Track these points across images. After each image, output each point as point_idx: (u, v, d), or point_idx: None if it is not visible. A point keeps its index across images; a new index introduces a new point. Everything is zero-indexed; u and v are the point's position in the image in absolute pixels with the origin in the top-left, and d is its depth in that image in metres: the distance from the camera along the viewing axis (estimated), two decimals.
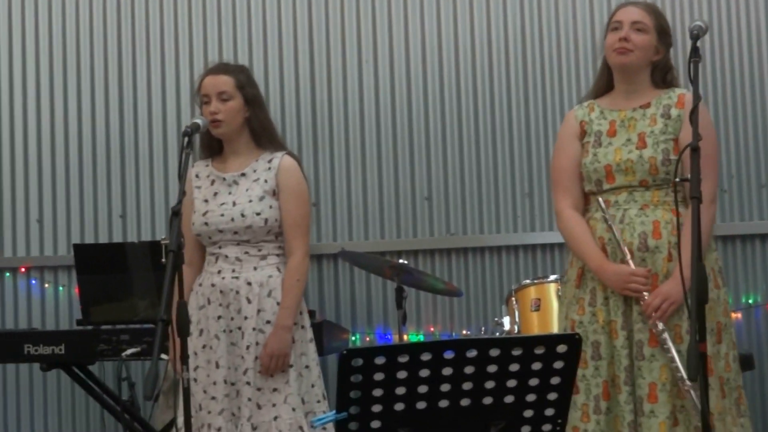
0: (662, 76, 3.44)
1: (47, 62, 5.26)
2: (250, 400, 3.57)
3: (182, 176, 3.18)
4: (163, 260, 3.02)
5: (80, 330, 4.54)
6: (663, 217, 3.28)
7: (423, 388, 2.45)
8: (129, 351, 4.32)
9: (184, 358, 2.98)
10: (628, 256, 3.28)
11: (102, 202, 5.21)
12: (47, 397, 5.18)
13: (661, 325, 3.21)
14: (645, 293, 3.24)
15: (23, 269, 5.21)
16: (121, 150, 5.22)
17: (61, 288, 5.19)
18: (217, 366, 3.62)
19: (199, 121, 3.49)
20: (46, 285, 5.20)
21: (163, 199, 5.18)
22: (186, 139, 3.31)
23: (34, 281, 5.21)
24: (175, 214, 3.06)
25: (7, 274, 5.22)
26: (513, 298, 4.24)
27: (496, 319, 4.44)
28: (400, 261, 4.42)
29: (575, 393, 3.30)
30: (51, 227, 5.23)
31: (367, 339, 5.11)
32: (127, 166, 5.21)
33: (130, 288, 4.54)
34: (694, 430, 3.18)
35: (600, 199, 3.38)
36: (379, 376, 2.42)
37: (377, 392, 2.44)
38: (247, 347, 3.60)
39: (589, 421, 3.28)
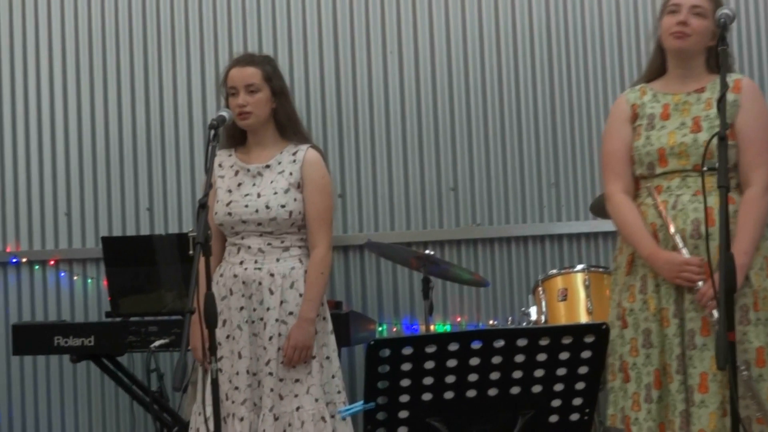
0: (718, 62, 3.34)
1: (74, 56, 5.28)
2: (272, 390, 3.58)
3: (209, 169, 3.20)
4: (191, 252, 3.04)
5: (109, 322, 4.56)
6: (717, 204, 3.12)
7: (450, 378, 2.45)
8: (157, 342, 4.34)
9: (213, 348, 2.99)
10: (681, 245, 3.20)
11: (129, 195, 5.23)
12: (77, 388, 5.21)
13: (716, 314, 3.10)
14: (699, 282, 3.16)
15: (52, 262, 5.24)
16: (147, 143, 5.24)
17: (89, 280, 5.22)
18: (240, 356, 3.63)
19: (225, 113, 3.49)
20: (75, 277, 5.23)
21: (190, 192, 5.20)
22: (212, 131, 3.32)
23: (63, 274, 5.24)
24: (202, 207, 3.08)
25: (37, 266, 5.25)
26: (540, 288, 4.23)
27: (522, 309, 4.43)
28: (427, 252, 4.41)
29: (626, 381, 3.27)
30: (79, 220, 5.26)
31: (394, 330, 5.11)
32: (153, 159, 5.23)
33: (158, 280, 4.56)
34: (745, 420, 3.09)
35: (650, 187, 3.30)
36: (406, 367, 2.43)
37: (405, 382, 2.45)
38: (270, 338, 3.61)
39: (640, 410, 3.22)
